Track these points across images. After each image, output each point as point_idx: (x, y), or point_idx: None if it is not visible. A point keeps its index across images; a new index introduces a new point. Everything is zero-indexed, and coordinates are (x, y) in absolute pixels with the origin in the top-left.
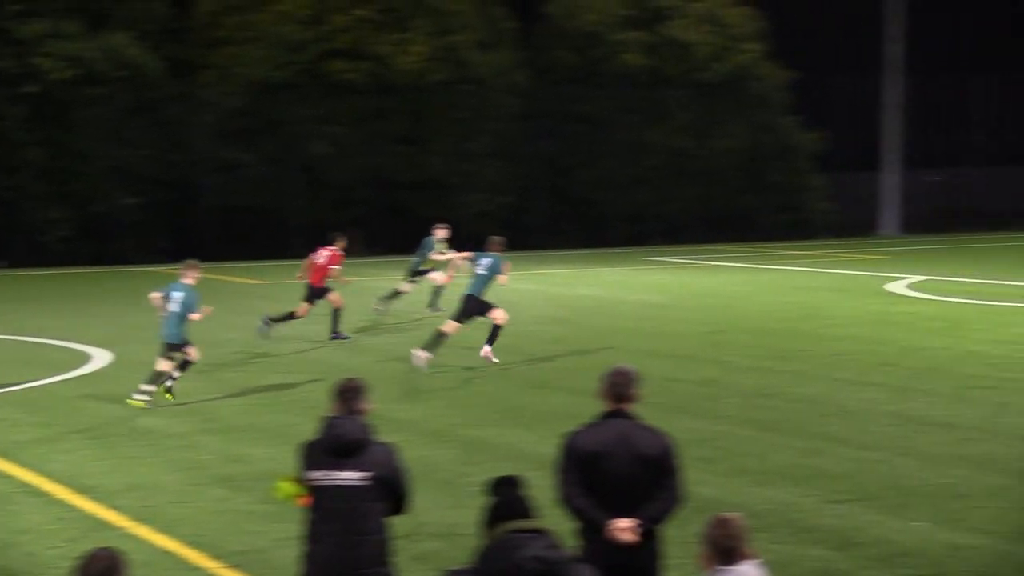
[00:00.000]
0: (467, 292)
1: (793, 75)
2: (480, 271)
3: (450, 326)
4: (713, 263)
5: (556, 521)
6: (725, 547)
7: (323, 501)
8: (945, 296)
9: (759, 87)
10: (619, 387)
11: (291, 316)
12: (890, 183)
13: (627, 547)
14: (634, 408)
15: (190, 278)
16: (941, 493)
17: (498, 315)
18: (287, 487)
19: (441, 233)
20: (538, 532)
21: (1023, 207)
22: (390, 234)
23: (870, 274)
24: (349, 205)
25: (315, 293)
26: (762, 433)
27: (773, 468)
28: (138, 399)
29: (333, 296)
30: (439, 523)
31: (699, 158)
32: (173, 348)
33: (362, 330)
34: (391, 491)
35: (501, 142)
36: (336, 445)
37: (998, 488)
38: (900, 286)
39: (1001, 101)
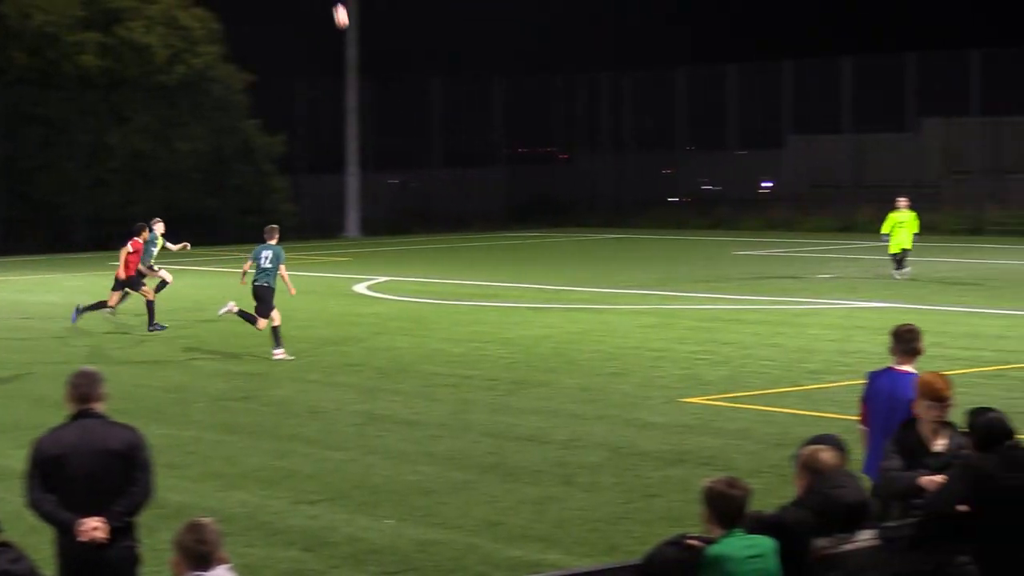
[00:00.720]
0: (259, 283)
1: (251, 78)
2: (266, 263)
3: (276, 318)
4: (179, 266)
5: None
6: (198, 552)
7: None
8: (407, 296)
9: (219, 90)
10: (82, 388)
11: (101, 305)
12: (352, 186)
13: (99, 545)
14: (102, 407)
15: None
16: (409, 490)
17: (270, 318)
18: None
19: (160, 227)
20: (2, 546)
21: (479, 208)
22: None
23: (335, 276)
24: None
25: (124, 283)
26: (232, 437)
27: (244, 471)
28: None
29: (144, 288)
30: None
31: (161, 160)
32: None
33: None
34: None
35: None
36: None
37: (463, 483)
38: (363, 287)
39: (455, 104)
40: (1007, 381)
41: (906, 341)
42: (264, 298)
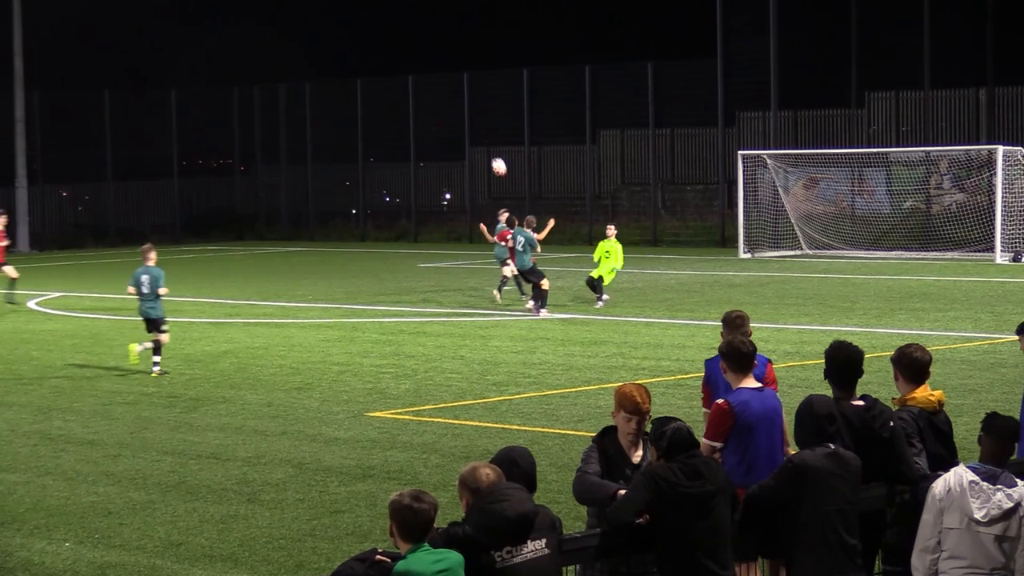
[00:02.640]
0: (518, 266)
1: None
2: (520, 248)
3: (545, 283)
4: None
5: None
6: None
7: None
8: (82, 313)
9: None
10: None
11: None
12: (22, 199)
13: None
14: None
15: (151, 260)
16: (87, 512)
17: (544, 283)
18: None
19: (504, 216)
20: None
21: (155, 221)
22: None
23: (6, 292)
24: None
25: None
26: None
27: None
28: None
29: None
30: None
31: None
32: (155, 323)
33: None
34: None
35: None
36: None
37: (144, 503)
38: (35, 304)
39: (128, 116)
40: (688, 390)
41: (736, 327)
42: (534, 271)
